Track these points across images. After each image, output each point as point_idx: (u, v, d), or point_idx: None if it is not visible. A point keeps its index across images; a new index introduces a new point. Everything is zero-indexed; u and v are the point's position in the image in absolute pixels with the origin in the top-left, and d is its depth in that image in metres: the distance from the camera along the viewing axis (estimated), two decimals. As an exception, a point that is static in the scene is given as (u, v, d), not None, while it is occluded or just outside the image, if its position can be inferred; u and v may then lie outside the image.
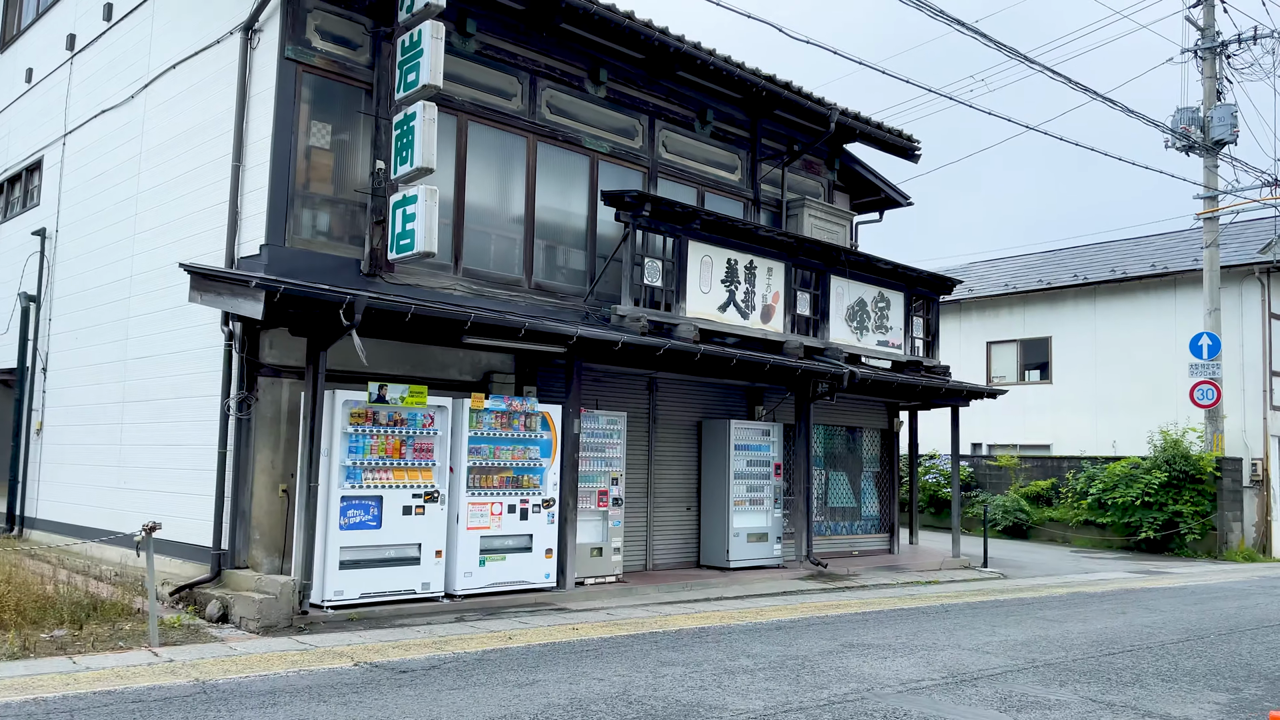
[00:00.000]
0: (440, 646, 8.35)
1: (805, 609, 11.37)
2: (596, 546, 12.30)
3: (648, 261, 12.64)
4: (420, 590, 10.38)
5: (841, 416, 16.85)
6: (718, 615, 10.70)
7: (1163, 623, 11.04)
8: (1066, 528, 23.82)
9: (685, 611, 10.95)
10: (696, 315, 13.05)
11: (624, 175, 13.52)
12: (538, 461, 11.46)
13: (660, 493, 14.03)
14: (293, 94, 10.40)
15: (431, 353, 11.62)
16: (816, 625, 10.16)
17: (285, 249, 10.28)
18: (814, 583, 13.81)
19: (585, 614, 10.56)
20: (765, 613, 10.99)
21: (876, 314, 15.71)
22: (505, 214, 12.35)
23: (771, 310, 14.14)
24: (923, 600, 12.54)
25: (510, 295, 12.13)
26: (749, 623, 10.21)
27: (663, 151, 14.10)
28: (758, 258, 13.90)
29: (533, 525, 11.35)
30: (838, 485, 16.85)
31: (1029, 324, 27.39)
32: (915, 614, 11.22)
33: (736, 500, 14.16)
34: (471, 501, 10.85)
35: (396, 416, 10.38)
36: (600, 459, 12.42)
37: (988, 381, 27.93)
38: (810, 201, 15.62)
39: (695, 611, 10.96)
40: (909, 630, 9.93)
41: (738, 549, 14.07)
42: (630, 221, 12.35)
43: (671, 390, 14.19)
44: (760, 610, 11.17)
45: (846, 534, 16.90)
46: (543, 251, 12.72)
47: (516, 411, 11.30)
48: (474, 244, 11.94)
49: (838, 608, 11.58)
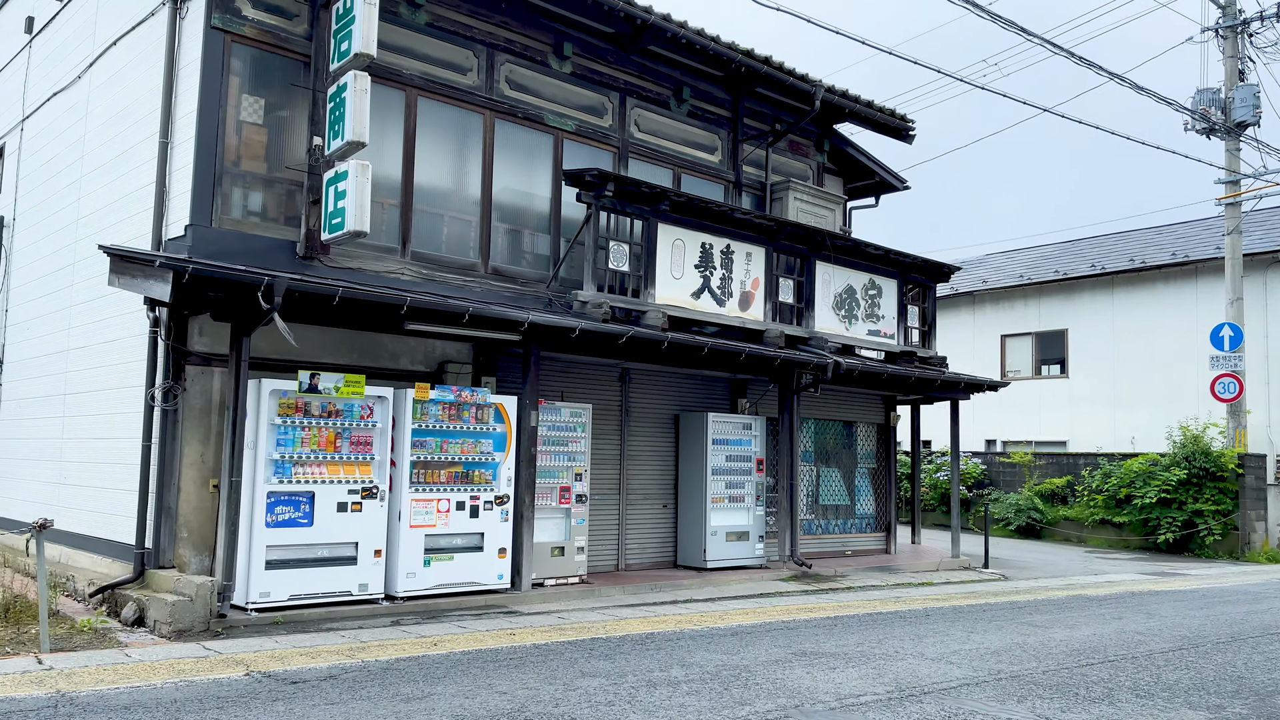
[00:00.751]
0: (353, 654, 7.72)
1: (774, 613, 10.65)
2: (558, 546, 11.63)
3: (613, 245, 11.96)
4: (357, 592, 9.77)
5: (833, 410, 16.09)
6: (675, 619, 10.02)
7: (1158, 629, 10.22)
8: (1082, 527, 22.87)
9: (644, 615, 10.27)
10: (667, 302, 12.36)
11: (592, 155, 12.86)
12: (490, 456, 10.82)
13: (634, 489, 13.36)
14: (220, 65, 9.81)
15: (381, 341, 11.02)
16: (777, 630, 9.45)
17: (212, 230, 9.69)
18: (795, 584, 13.08)
19: (534, 618, 9.91)
20: (729, 616, 10.29)
21: (867, 302, 14.94)
22: (460, 195, 11.71)
23: (751, 297, 13.41)
24: (907, 603, 11.78)
25: (465, 280, 11.49)
26: (705, 627, 9.52)
27: (635, 131, 13.41)
28: (736, 242, 13.18)
29: (484, 523, 10.71)
30: (829, 482, 16.09)
31: (1045, 316, 26.43)
32: (891, 619, 10.48)
33: (714, 497, 13.45)
34: (415, 498, 10.23)
35: (331, 408, 9.77)
36: (563, 453, 11.76)
37: (1002, 376, 27.00)
38: (796, 184, 14.87)
39: (655, 615, 10.28)
40: (876, 637, 9.20)
41: (715, 548, 13.37)
42: (593, 202, 11.68)
43: (646, 382, 13.51)
44: (725, 614, 10.47)
45: (839, 533, 16.14)
46: (502, 235, 12.07)
47: (466, 403, 10.66)
48: (425, 226, 11.32)
49: (810, 611, 10.85)
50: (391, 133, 11.02)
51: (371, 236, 10.85)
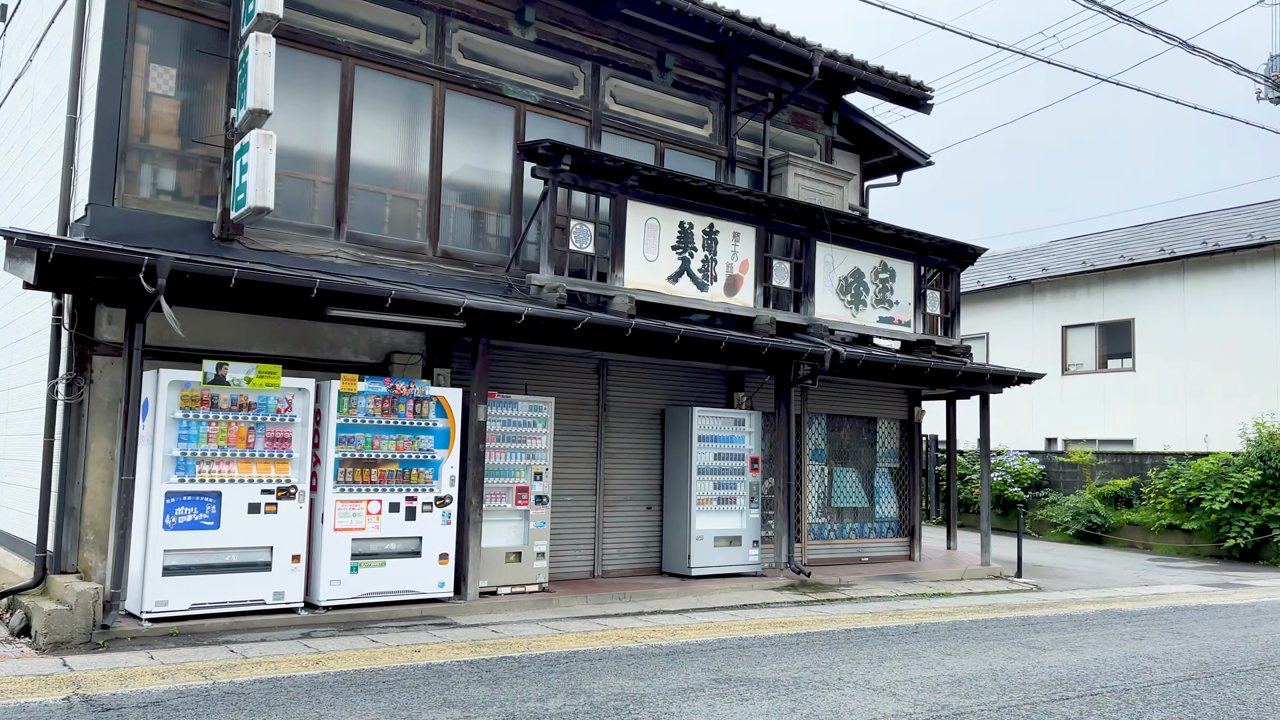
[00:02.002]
0: (214, 673, 6.91)
1: (742, 627, 9.58)
2: (514, 551, 10.72)
3: (575, 224, 11.00)
4: (272, 601, 8.99)
5: (849, 404, 14.87)
6: (621, 634, 9.02)
7: (1178, 652, 8.87)
8: (1148, 533, 21.14)
9: (591, 629, 9.30)
10: (638, 286, 11.35)
11: (561, 129, 11.90)
12: (430, 453, 9.96)
13: (613, 490, 12.37)
14: (125, 33, 9.12)
15: (319, 331, 10.25)
16: (725, 649, 8.38)
17: (116, 209, 9.01)
18: (790, 594, 11.96)
19: (466, 630, 9.01)
20: (686, 631, 9.25)
21: (877, 286, 13.70)
22: (406, 172, 10.88)
23: (739, 281, 12.32)
24: (904, 618, 10.58)
25: (410, 264, 10.65)
26: (646, 644, 8.51)
27: (610, 103, 12.41)
28: (721, 221, 12.11)
29: (423, 526, 9.85)
30: (844, 482, 14.87)
31: (1109, 305, 24.63)
32: (870, 636, 9.31)
33: (700, 499, 12.39)
34: (341, 499, 9.41)
35: (243, 400, 9.00)
36: (520, 450, 10.84)
37: (1063, 369, 25.29)
38: (796, 159, 13.70)
39: (602, 630, 9.30)
40: (833, 659, 8.07)
41: (701, 554, 12.30)
42: (549, 177, 10.73)
43: (627, 374, 12.51)
44: (682, 629, 9.43)
45: (855, 538, 14.91)
46: (455, 215, 11.20)
47: (402, 395, 9.82)
48: (363, 206, 10.51)
49: (785, 626, 9.75)
50: (325, 106, 10.24)
51: (302, 217, 10.11)
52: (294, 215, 10.02)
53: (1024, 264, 27.89)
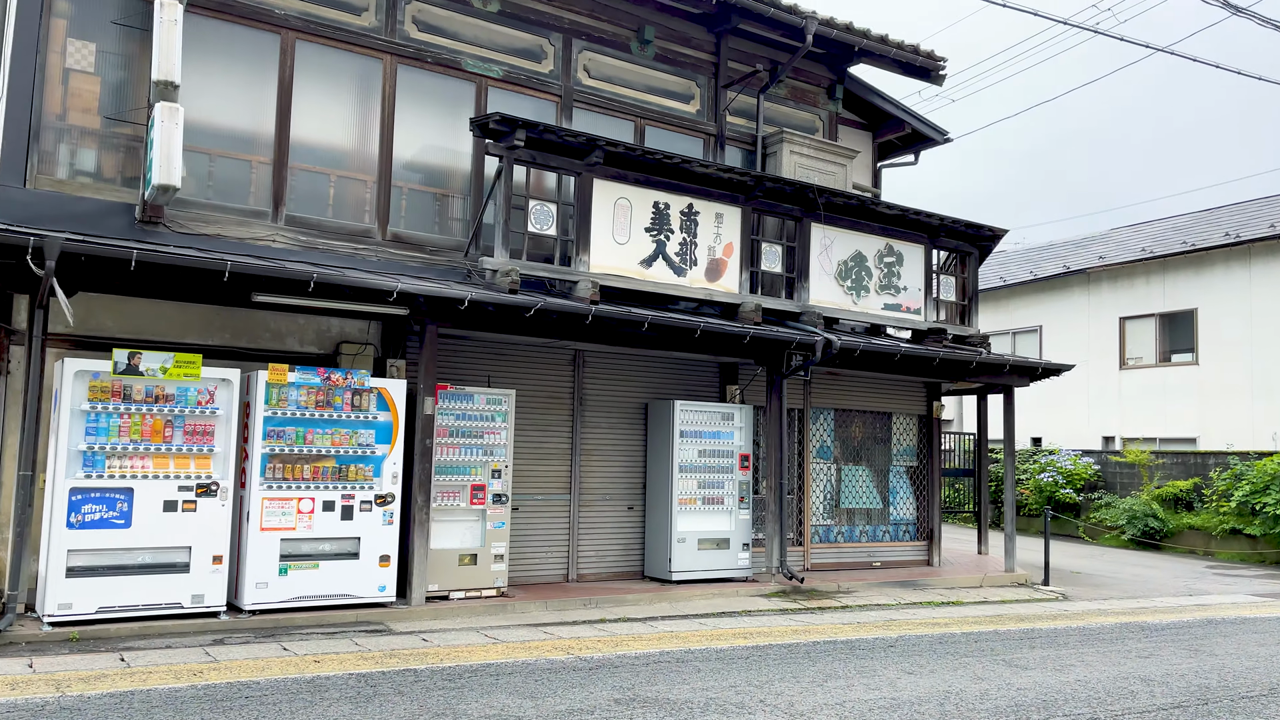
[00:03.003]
0: (79, 685, 6.37)
1: (701, 638, 8.78)
2: (468, 553, 10.06)
3: (535, 205, 10.30)
4: (189, 604, 8.46)
5: (859, 398, 13.92)
6: (553, 645, 8.29)
7: (1182, 674, 7.83)
8: (1209, 538, 19.67)
9: (537, 638, 8.59)
10: (606, 270, 10.61)
11: (528, 105, 11.22)
12: (371, 448, 9.36)
13: (591, 489, 11.64)
14: (40, 6, 8.69)
15: (260, 320, 9.74)
16: (660, 664, 7.61)
17: (28, 191, 8.58)
18: (778, 601, 11.10)
19: (398, 639, 8.38)
20: (632, 643, 8.49)
21: (882, 271, 12.74)
22: (353, 152, 10.30)
23: (722, 265, 11.49)
24: (891, 629, 9.67)
25: (356, 249, 10.07)
26: (574, 657, 7.77)
27: (584, 77, 11.68)
28: (701, 201, 11.30)
29: (361, 526, 9.25)
30: (854, 482, 13.92)
31: (1170, 295, 23.10)
32: (838, 649, 8.44)
33: (682, 498, 11.59)
34: (269, 496, 8.86)
35: (160, 392, 8.49)
36: (476, 446, 10.19)
37: (1121, 365, 23.83)
38: (791, 136, 12.81)
39: (546, 639, 8.58)
40: (768, 677, 7.24)
41: (684, 558, 11.50)
42: (504, 154, 10.05)
43: (606, 365, 11.77)
44: (632, 639, 8.67)
45: (867, 541, 13.95)
46: (407, 197, 10.59)
47: (338, 386, 9.23)
48: (305, 188, 9.96)
49: (751, 637, 8.93)
50: (263, 82, 9.71)
51: (237, 199, 9.60)
52: (228, 197, 9.52)
53: (1081, 253, 26.43)
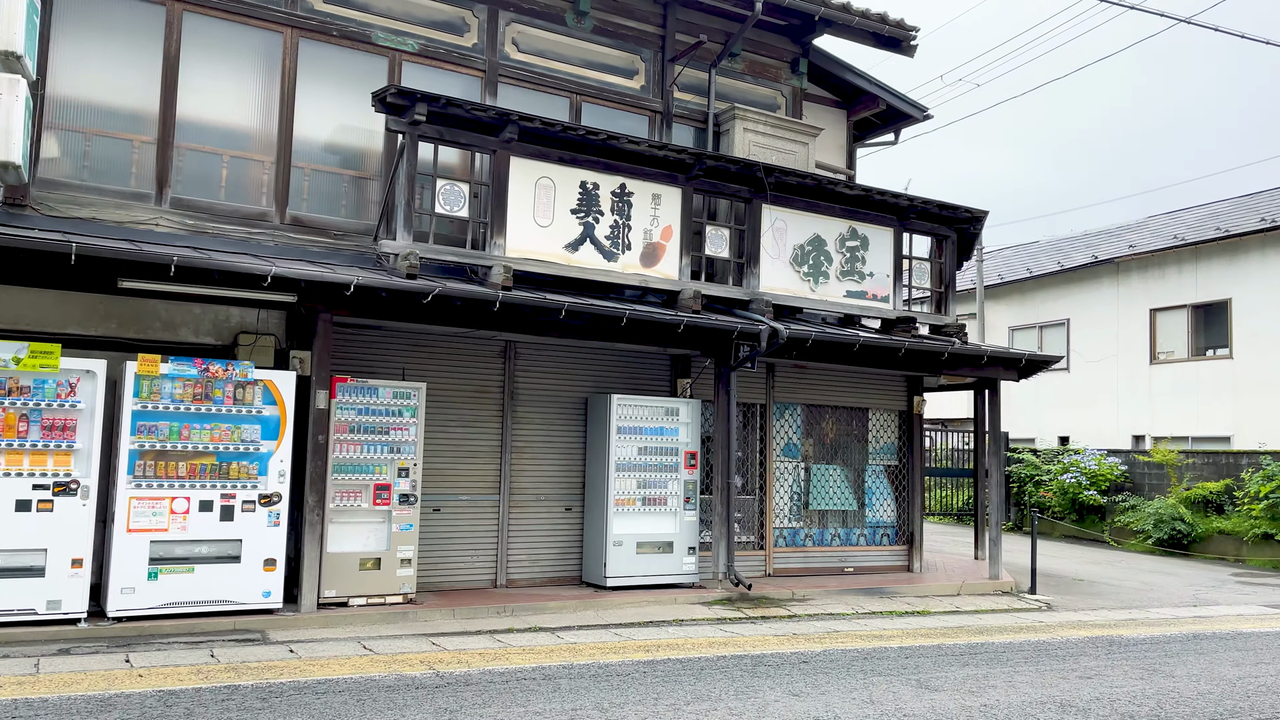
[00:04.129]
0: None
1: (603, 651, 8.05)
2: (371, 557, 9.42)
3: (443, 185, 9.65)
4: (45, 610, 7.93)
5: (831, 393, 13.04)
6: (431, 658, 7.62)
7: (1118, 698, 6.91)
8: (1239, 543, 18.40)
9: (420, 650, 7.93)
10: (526, 255, 9.92)
11: (449, 81, 10.56)
12: (256, 445, 8.76)
13: (523, 488, 10.95)
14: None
15: (151, 309, 9.22)
16: (518, 680, 6.90)
17: (-120, 173, 8.14)
18: (720, 610, 10.31)
19: (268, 649, 7.79)
20: (514, 656, 7.79)
21: (844, 256, 11.85)
22: (249, 131, 9.74)
23: (660, 250, 10.73)
24: (827, 643, 8.85)
25: (250, 233, 9.50)
26: (431, 672, 7.10)
27: (512, 51, 10.99)
28: (634, 180, 10.55)
29: (243, 527, 8.66)
30: (826, 482, 13.04)
31: (1203, 284, 21.74)
32: (743, 665, 7.65)
33: (619, 499, 10.84)
34: (138, 495, 8.30)
35: (13, 384, 7.98)
36: (381, 443, 9.55)
37: (1152, 359, 22.51)
38: (745, 112, 11.98)
39: (430, 651, 7.92)
40: (626, 698, 6.49)
41: (620, 563, 10.75)
42: (406, 131, 9.41)
43: (541, 357, 11.07)
44: (524, 652, 7.97)
45: (840, 545, 13.05)
46: (311, 178, 9.99)
47: (218, 379, 8.65)
48: (194, 168, 9.41)
49: (657, 650, 8.17)
50: (145, 57, 9.19)
51: (116, 180, 9.09)
52: (106, 178, 9.02)
53: (1112, 242, 25.09)
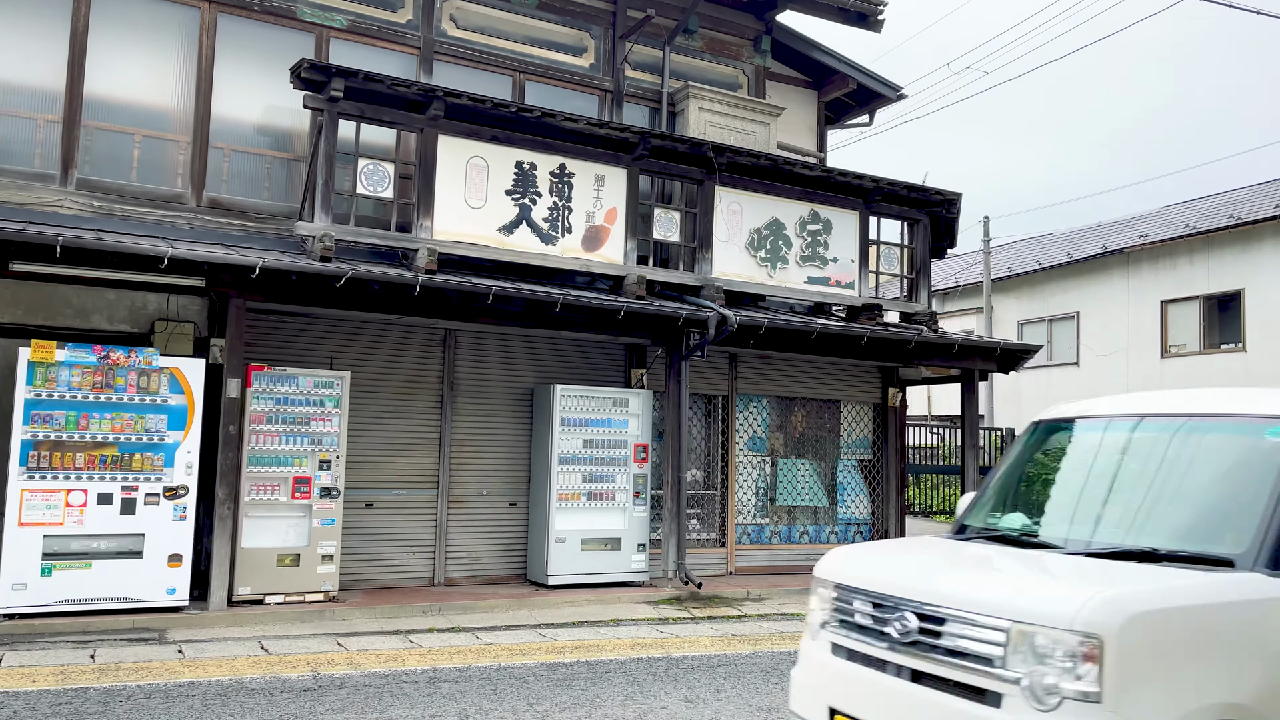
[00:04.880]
0: None
1: (511, 653, 7.62)
2: (290, 553, 9.02)
3: (366, 164, 9.23)
4: (-71, 607, 7.62)
5: (800, 385, 12.50)
6: (310, 659, 7.20)
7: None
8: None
9: (316, 651, 7.54)
10: (456, 238, 9.48)
11: (381, 59, 10.15)
12: (162, 435, 8.39)
13: (463, 483, 10.51)
14: None
15: (60, 295, 8.89)
16: (404, 685, 6.48)
17: None
18: (665, 610, 9.82)
19: (158, 649, 7.44)
20: (425, 657, 7.37)
21: (804, 240, 11.31)
22: (164, 110, 9.37)
23: (603, 233, 10.26)
24: (765, 644, 8.36)
25: (164, 216, 9.14)
26: (315, 674, 6.69)
27: (449, 28, 10.57)
28: (576, 160, 10.09)
29: (146, 521, 8.28)
30: (795, 477, 12.50)
31: (1215, 274, 20.91)
32: (640, 669, 7.17)
33: (563, 493, 10.38)
34: (31, 488, 7.95)
35: (-102, 370, 7.68)
36: (301, 434, 9.14)
37: (1163, 353, 21.69)
38: (699, 90, 11.47)
39: (321, 653, 7.52)
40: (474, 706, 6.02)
41: (563, 560, 10.29)
42: (324, 108, 9.01)
43: (483, 346, 10.63)
44: (427, 653, 7.54)
45: (809, 542, 12.50)
46: (231, 159, 9.62)
47: (121, 366, 8.28)
48: (104, 149, 9.07)
49: (570, 653, 7.72)
50: (52, 34, 8.85)
51: (19, 160, 8.77)
52: (7, 159, 8.69)
53: (1124, 232, 24.26)
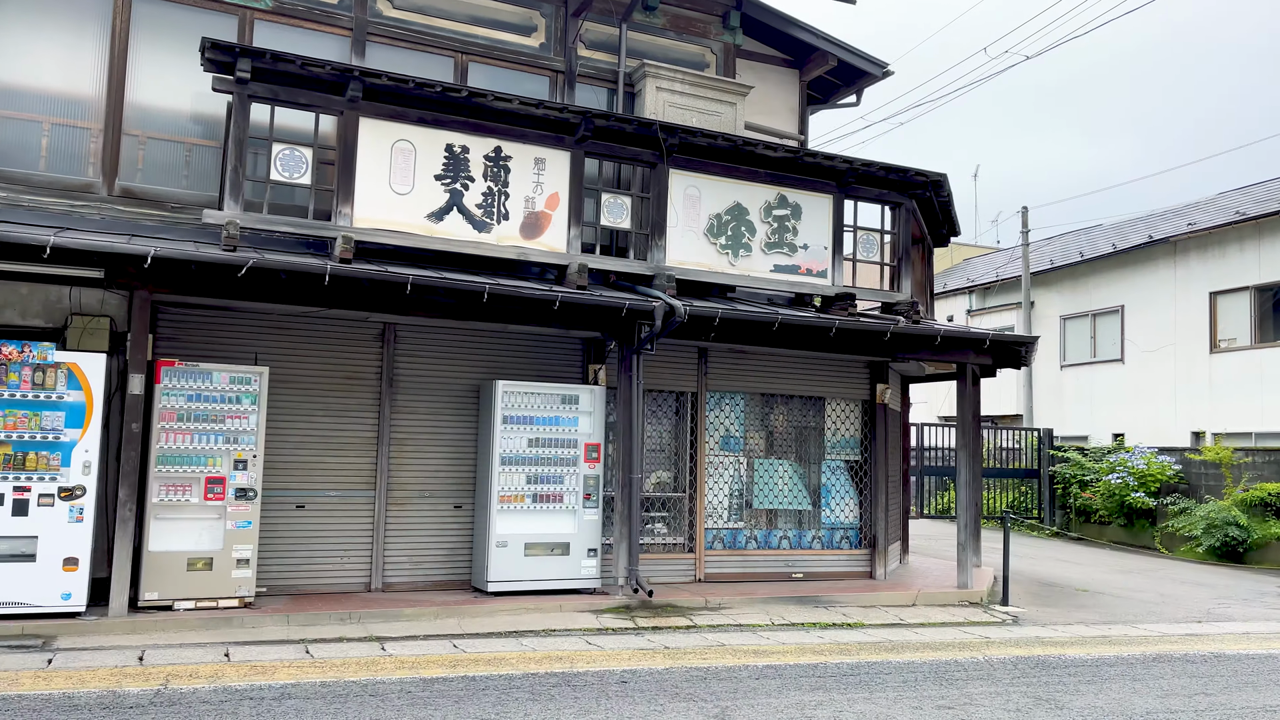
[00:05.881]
0: None
1: (399, 667, 7.11)
2: (202, 557, 8.63)
3: (280, 149, 8.80)
4: None
5: (780, 381, 11.79)
6: (175, 671, 6.77)
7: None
8: (1305, 550, 16.41)
9: (199, 661, 7.12)
10: (379, 225, 9.01)
11: (311, 41, 9.75)
12: (59, 433, 8.07)
13: (405, 484, 10.04)
14: None
15: (-30, 288, 8.64)
16: (255, 699, 5.98)
17: None
18: (610, 619, 9.23)
19: (26, 657, 7.07)
20: (304, 670, 6.89)
21: (771, 227, 10.62)
22: (75, 97, 9.07)
23: (544, 219, 9.70)
24: (692, 659, 7.72)
25: (73, 206, 8.83)
26: (168, 689, 6.26)
27: (385, 8, 10.11)
28: (512, 143, 9.55)
29: (40, 523, 7.97)
30: (773, 479, 11.79)
31: (1266, 263, 19.58)
32: (532, 685, 6.60)
33: (504, 495, 9.85)
34: (-83, 487, 7.70)
35: None
36: (215, 433, 8.76)
37: (1212, 348, 20.40)
38: (656, 69, 10.84)
39: (201, 664, 7.09)
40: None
41: (504, 566, 9.75)
42: (234, 91, 8.61)
43: (428, 341, 10.15)
44: (314, 665, 7.06)
45: (789, 548, 11.78)
46: (147, 147, 9.28)
47: (13, 361, 7.98)
48: (10, 137, 8.81)
49: (460, 667, 7.17)
50: (-45, 18, 8.61)
51: (-86, 150, 8.50)
52: (-93, 150, 8.46)
53: (1173, 221, 22.94)
